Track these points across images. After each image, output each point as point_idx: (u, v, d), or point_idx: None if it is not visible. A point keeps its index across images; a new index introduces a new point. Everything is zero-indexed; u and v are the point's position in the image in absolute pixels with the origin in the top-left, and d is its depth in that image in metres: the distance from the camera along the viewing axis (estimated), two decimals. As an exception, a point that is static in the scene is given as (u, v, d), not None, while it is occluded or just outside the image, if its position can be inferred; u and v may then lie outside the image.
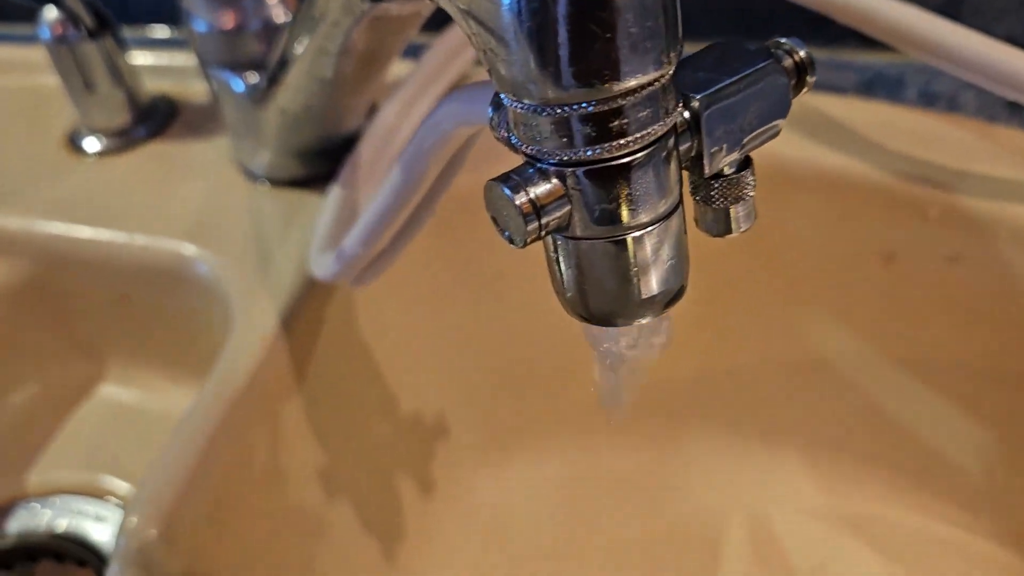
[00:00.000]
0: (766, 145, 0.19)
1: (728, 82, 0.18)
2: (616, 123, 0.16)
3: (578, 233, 0.17)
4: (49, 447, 0.40)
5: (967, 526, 0.40)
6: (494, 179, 0.17)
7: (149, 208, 0.39)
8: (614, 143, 0.16)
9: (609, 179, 0.17)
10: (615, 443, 0.43)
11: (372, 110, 0.39)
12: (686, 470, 0.43)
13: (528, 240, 0.17)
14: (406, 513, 0.39)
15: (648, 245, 0.17)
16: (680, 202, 0.18)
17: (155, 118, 0.43)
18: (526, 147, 0.17)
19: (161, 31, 0.51)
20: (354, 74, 0.30)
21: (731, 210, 0.19)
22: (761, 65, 0.18)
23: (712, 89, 0.17)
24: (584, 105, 0.16)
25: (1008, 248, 0.35)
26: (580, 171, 0.16)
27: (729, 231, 0.19)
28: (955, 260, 0.36)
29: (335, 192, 0.36)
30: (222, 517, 0.30)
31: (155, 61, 0.47)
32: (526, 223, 0.17)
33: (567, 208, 0.17)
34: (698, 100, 0.17)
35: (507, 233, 0.17)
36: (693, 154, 0.18)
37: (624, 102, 0.16)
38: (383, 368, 0.39)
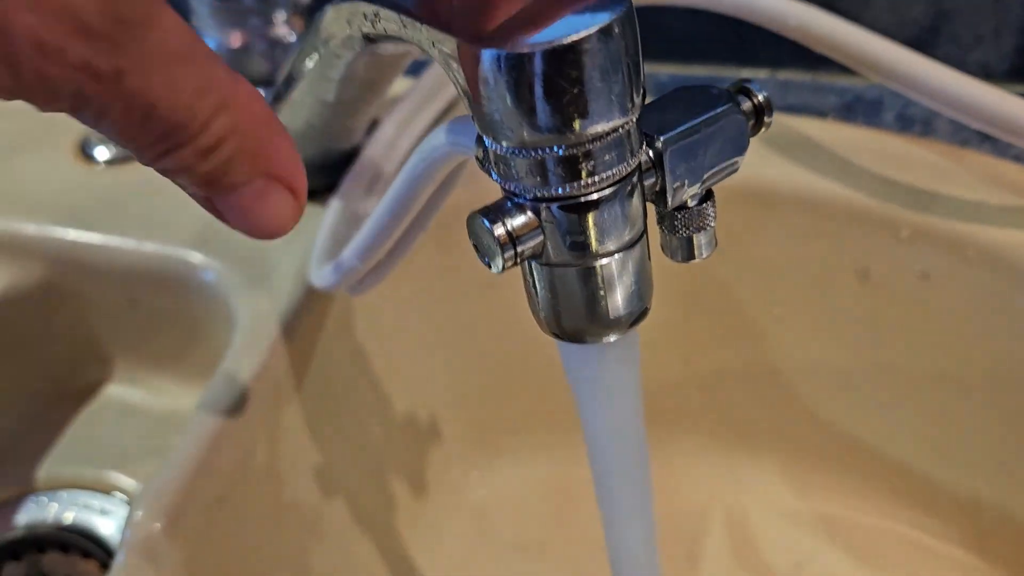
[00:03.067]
0: (748, 166, 0.21)
1: (690, 124, 0.19)
2: (585, 165, 0.18)
3: (551, 260, 0.19)
4: (58, 443, 0.42)
5: (935, 531, 0.42)
6: (476, 211, 0.19)
7: (157, 216, 0.40)
8: (584, 182, 0.18)
9: (579, 213, 0.18)
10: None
11: (373, 125, 0.41)
12: (667, 472, 0.44)
13: (505, 266, 0.19)
14: (399, 511, 0.41)
15: (614, 271, 0.19)
16: (644, 232, 0.20)
17: (164, 128, 0.45)
18: (504, 183, 0.19)
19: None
20: (354, 98, 0.32)
21: (693, 238, 0.21)
22: (721, 108, 0.20)
23: (675, 131, 0.19)
24: (556, 149, 0.17)
25: (976, 266, 0.36)
26: (554, 206, 0.18)
27: (692, 257, 0.21)
28: (926, 277, 0.38)
29: (335, 205, 0.37)
30: (223, 512, 0.31)
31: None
32: (503, 252, 0.18)
33: (540, 238, 0.19)
34: (661, 140, 0.19)
35: (486, 259, 0.19)
36: (657, 189, 0.20)
37: (592, 146, 0.17)
38: (379, 373, 0.40)
